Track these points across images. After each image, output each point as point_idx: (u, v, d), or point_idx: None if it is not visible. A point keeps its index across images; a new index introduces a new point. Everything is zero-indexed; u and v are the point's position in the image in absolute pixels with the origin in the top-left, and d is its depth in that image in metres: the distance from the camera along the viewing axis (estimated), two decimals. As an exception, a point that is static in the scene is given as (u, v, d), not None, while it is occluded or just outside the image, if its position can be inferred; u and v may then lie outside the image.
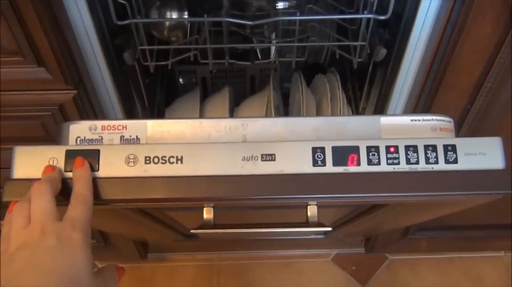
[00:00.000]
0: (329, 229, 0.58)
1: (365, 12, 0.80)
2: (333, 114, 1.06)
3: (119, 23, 0.80)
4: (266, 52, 1.17)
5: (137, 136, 0.57)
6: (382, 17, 0.79)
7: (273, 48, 1.11)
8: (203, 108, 1.11)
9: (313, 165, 0.53)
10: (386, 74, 0.91)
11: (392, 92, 0.90)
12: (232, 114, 1.12)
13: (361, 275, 1.48)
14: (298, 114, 1.08)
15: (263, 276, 1.49)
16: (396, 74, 0.87)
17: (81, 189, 0.51)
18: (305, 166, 0.53)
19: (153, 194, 0.52)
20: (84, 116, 0.83)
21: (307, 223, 0.56)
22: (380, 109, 0.97)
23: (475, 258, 1.48)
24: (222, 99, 1.10)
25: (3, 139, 0.87)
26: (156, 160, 0.53)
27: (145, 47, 0.86)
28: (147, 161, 0.52)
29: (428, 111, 0.87)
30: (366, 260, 1.50)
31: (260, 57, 1.18)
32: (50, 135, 0.86)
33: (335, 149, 0.53)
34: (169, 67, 0.93)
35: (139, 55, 0.89)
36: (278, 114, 1.19)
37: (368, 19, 0.82)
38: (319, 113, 1.09)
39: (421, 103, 0.87)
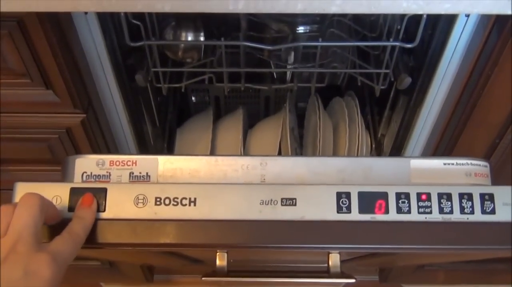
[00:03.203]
0: (353, 280, 0.54)
1: (390, 39, 0.76)
2: (350, 139, 1.02)
3: (133, 44, 0.76)
4: (282, 73, 1.14)
5: (147, 173, 0.53)
6: (409, 45, 0.74)
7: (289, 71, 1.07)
8: (216, 129, 1.07)
9: (338, 212, 0.49)
10: (409, 102, 0.87)
11: (416, 122, 0.86)
12: (245, 136, 1.09)
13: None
14: (314, 138, 1.04)
15: (272, 302, 1.43)
16: (421, 104, 0.82)
17: (78, 229, 0.47)
18: (328, 212, 0.48)
19: (163, 239, 0.48)
20: (92, 139, 0.80)
21: (328, 274, 0.52)
22: (402, 138, 0.93)
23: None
24: (235, 121, 1.06)
25: (8, 161, 0.84)
26: (167, 201, 0.48)
27: (159, 69, 0.82)
28: (158, 203, 0.48)
29: (454, 145, 0.82)
30: (379, 288, 1.44)
31: (275, 77, 1.15)
32: (56, 158, 0.82)
33: (361, 195, 0.49)
34: (183, 90, 0.89)
35: (151, 76, 0.85)
36: (293, 136, 1.15)
37: (393, 46, 0.77)
38: (336, 138, 1.05)
39: (447, 135, 0.83)
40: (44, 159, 0.83)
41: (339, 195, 0.49)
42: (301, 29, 0.86)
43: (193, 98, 1.24)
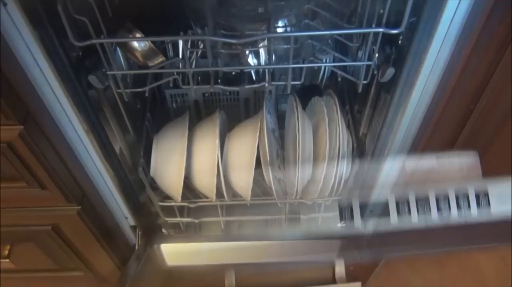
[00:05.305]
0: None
1: (373, 25, 0.56)
2: (331, 139, 0.82)
3: (79, 44, 0.56)
4: (261, 73, 0.94)
5: None
6: (394, 31, 0.54)
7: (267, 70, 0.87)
8: (192, 135, 0.87)
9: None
10: (392, 99, 0.67)
11: (401, 121, 0.66)
12: (223, 140, 0.89)
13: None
14: (294, 140, 0.84)
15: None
16: (406, 100, 0.62)
17: None
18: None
19: None
20: (36, 152, 0.59)
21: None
22: (386, 137, 0.72)
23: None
24: (212, 126, 0.86)
25: None
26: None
27: (114, 72, 0.62)
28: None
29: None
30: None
31: (254, 79, 0.95)
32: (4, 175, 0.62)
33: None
34: (146, 94, 0.68)
35: (110, 81, 0.65)
36: (274, 138, 0.95)
37: (376, 35, 0.57)
38: (316, 139, 0.85)
39: (438, 133, 0.63)
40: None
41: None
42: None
43: (173, 104, 1.04)
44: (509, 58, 0.47)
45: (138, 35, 0.61)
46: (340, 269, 0.38)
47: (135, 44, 0.63)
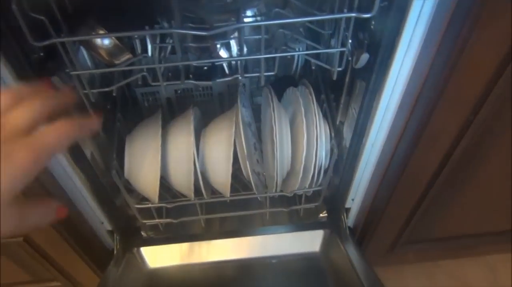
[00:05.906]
0: None
1: (344, 10, 0.54)
2: (308, 130, 0.81)
3: (37, 44, 0.53)
4: (234, 67, 0.92)
5: None
6: (366, 15, 0.53)
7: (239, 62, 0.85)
8: (166, 133, 0.84)
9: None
10: (368, 85, 0.66)
11: (377, 106, 0.65)
12: (199, 136, 0.87)
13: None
14: (271, 132, 0.83)
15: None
16: (382, 86, 0.61)
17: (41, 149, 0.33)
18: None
19: None
20: None
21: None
22: (363, 123, 0.72)
23: (459, 260, 1.24)
24: (186, 122, 0.84)
25: None
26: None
27: (78, 72, 0.59)
28: None
29: (425, 126, 0.61)
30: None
31: (227, 73, 0.92)
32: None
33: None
34: (114, 94, 0.66)
35: (75, 82, 0.62)
36: (250, 132, 0.94)
37: (348, 20, 0.56)
38: (294, 130, 0.84)
39: (415, 116, 0.62)
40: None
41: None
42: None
43: (145, 103, 1.01)
44: (484, 33, 0.46)
45: (101, 31, 0.58)
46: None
47: (99, 41, 0.60)
